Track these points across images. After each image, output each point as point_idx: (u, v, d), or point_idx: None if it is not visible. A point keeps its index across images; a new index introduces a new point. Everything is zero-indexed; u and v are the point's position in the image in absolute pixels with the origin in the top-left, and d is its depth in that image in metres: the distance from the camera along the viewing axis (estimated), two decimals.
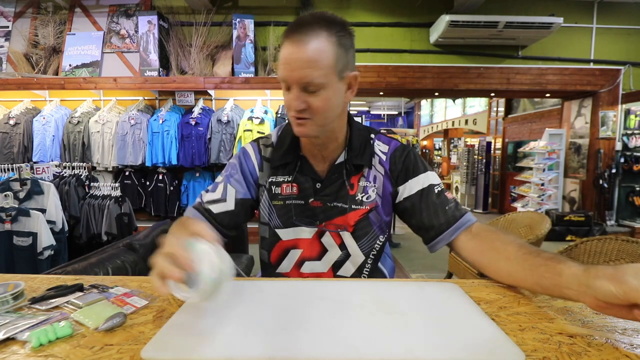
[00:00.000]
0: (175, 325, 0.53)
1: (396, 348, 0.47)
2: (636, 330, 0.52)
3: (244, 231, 2.67)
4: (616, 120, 4.49)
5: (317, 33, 0.67)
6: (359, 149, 0.83)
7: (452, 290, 0.67)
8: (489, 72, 4.32)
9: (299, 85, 0.69)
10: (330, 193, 0.83)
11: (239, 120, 3.84)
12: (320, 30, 0.67)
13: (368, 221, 0.83)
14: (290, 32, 0.68)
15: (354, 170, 0.83)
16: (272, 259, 0.88)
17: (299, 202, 0.84)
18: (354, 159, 0.82)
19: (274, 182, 0.85)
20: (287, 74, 0.69)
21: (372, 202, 0.83)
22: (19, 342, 0.49)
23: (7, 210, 2.11)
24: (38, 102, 4.23)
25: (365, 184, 0.83)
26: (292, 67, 0.68)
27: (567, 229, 4.43)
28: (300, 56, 0.66)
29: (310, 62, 0.66)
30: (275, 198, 0.85)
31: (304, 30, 0.67)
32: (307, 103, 0.70)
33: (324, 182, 0.83)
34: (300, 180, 0.84)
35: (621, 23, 4.44)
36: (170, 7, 4.25)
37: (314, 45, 0.66)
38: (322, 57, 0.67)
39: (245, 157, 0.88)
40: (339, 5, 4.28)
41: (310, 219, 0.83)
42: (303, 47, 0.66)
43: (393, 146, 0.86)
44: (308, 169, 0.84)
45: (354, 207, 0.82)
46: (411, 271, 3.23)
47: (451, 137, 11.46)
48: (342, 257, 0.84)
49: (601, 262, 1.50)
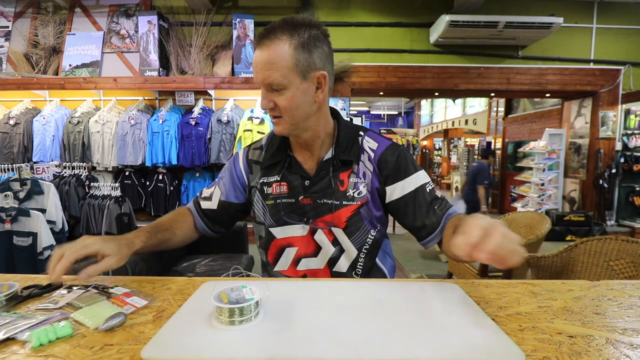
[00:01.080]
0: (175, 325, 0.53)
1: (396, 348, 0.47)
2: (636, 331, 0.52)
3: (244, 231, 2.67)
4: (616, 120, 4.49)
5: (278, 37, 0.73)
6: (346, 145, 0.86)
7: (452, 290, 0.67)
8: (489, 72, 4.32)
9: (264, 86, 0.76)
10: (319, 190, 0.85)
11: (239, 120, 3.84)
12: (282, 35, 0.73)
13: (359, 216, 0.85)
14: (258, 37, 0.75)
15: (342, 167, 0.85)
16: (269, 258, 0.90)
17: (289, 200, 0.86)
18: (340, 154, 0.85)
19: (265, 182, 0.89)
20: (254, 75, 0.77)
21: (363, 198, 0.85)
22: (19, 342, 0.49)
23: (7, 210, 2.11)
24: (38, 102, 4.23)
25: (355, 180, 0.85)
26: (256, 69, 0.76)
27: (567, 229, 4.43)
28: (262, 59, 0.74)
29: (269, 64, 0.73)
30: (267, 198, 0.88)
31: (268, 35, 0.74)
32: (273, 102, 0.77)
33: (312, 179, 0.86)
34: (290, 179, 0.87)
35: (621, 23, 4.44)
36: (170, 7, 4.25)
37: (273, 48, 0.73)
38: (281, 59, 0.73)
39: (235, 162, 0.96)
40: (339, 5, 4.28)
41: (301, 217, 0.86)
42: (265, 51, 0.73)
43: (384, 145, 0.88)
44: (297, 168, 0.87)
45: (345, 203, 0.84)
46: (411, 271, 3.23)
47: (451, 137, 11.47)
48: (336, 252, 0.86)
49: (601, 262, 1.50)
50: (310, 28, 0.76)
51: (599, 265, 1.50)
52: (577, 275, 1.55)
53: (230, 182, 0.94)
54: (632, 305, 0.62)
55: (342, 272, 0.86)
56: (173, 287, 0.70)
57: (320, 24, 0.79)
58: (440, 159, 13.07)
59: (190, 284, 0.71)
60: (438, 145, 13.79)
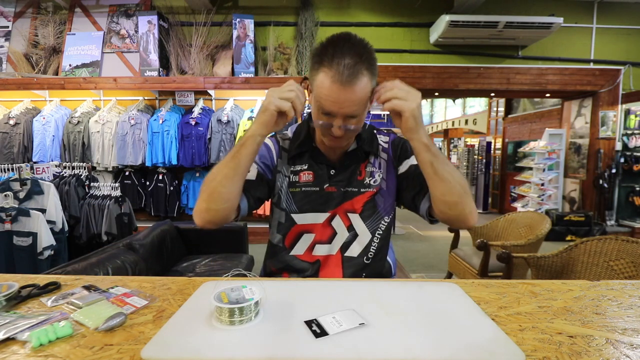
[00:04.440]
0: (175, 325, 0.53)
1: (396, 348, 0.47)
2: (636, 331, 0.52)
3: (244, 231, 2.67)
4: (616, 120, 4.49)
5: (362, 74, 0.75)
6: (368, 139, 0.95)
7: (452, 290, 0.67)
8: (489, 72, 4.32)
9: (343, 117, 0.78)
10: (344, 179, 0.92)
11: (239, 120, 3.84)
12: (365, 70, 0.75)
13: (374, 202, 0.92)
14: (336, 72, 0.74)
15: (364, 157, 0.94)
16: (286, 243, 0.93)
17: (314, 188, 0.92)
18: (364, 146, 0.93)
19: (293, 170, 0.94)
20: (335, 109, 0.77)
21: (377, 185, 0.93)
22: (19, 342, 0.49)
23: (7, 210, 2.11)
24: (38, 102, 4.22)
25: (372, 169, 0.94)
26: (341, 105, 0.76)
27: (567, 229, 4.43)
28: (349, 97, 0.75)
29: (358, 101, 0.76)
30: (293, 185, 0.93)
31: (354, 74, 0.74)
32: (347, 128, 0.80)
33: (338, 169, 0.92)
34: (316, 168, 0.93)
35: (621, 23, 4.44)
36: (170, 7, 4.25)
37: (359, 85, 0.75)
38: (364, 93, 0.77)
39: (265, 146, 0.96)
40: (339, 5, 4.28)
41: (324, 204, 0.91)
42: (351, 89, 0.74)
43: (392, 137, 1.00)
44: (322, 158, 0.93)
45: (363, 190, 0.92)
46: (411, 271, 3.22)
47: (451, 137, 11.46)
48: (349, 238, 0.91)
49: (601, 262, 1.50)
50: (374, 54, 0.78)
51: (599, 265, 1.51)
52: (577, 275, 1.55)
53: (260, 160, 0.93)
54: (632, 305, 0.62)
55: (353, 257, 0.90)
56: (173, 287, 0.70)
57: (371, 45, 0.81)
58: None
59: (190, 284, 0.71)
60: (438, 145, 13.79)
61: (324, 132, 0.84)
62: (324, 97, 0.77)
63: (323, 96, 0.77)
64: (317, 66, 0.77)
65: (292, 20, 4.18)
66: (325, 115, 0.79)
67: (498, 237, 2.50)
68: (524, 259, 1.67)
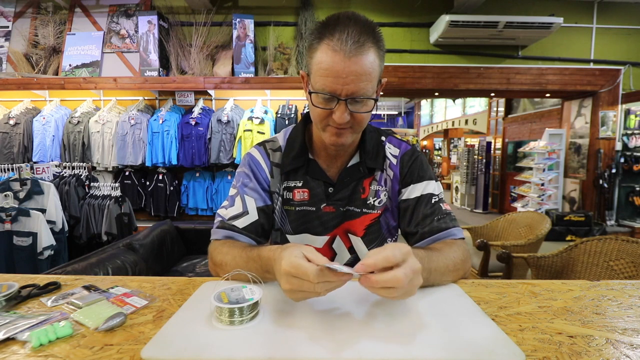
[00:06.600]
0: (175, 325, 0.53)
1: (396, 348, 0.47)
2: (636, 331, 0.52)
3: None
4: (616, 120, 4.49)
5: (369, 45, 0.64)
6: (372, 151, 0.82)
7: (452, 290, 0.67)
8: (489, 72, 4.32)
9: (347, 98, 0.67)
10: (343, 197, 0.81)
11: (239, 120, 3.84)
12: (372, 43, 0.65)
13: (378, 225, 0.82)
14: (338, 41, 0.63)
15: (367, 173, 0.82)
16: None
17: (310, 208, 0.82)
18: (368, 162, 0.81)
19: (285, 187, 0.83)
20: (337, 87, 0.65)
21: (383, 206, 0.82)
22: (19, 342, 0.49)
23: (7, 210, 2.11)
24: (38, 102, 4.22)
25: (377, 188, 0.82)
26: (345, 80, 0.64)
27: (567, 229, 4.43)
28: (354, 69, 0.64)
29: (364, 76, 0.65)
30: (287, 203, 0.83)
31: (359, 42, 0.63)
32: (351, 115, 0.69)
33: (337, 186, 0.81)
34: (312, 185, 0.82)
35: (621, 23, 4.44)
36: (170, 7, 4.25)
37: (366, 57, 0.64)
38: (373, 69, 0.66)
39: (255, 164, 0.85)
40: (338, 5, 4.28)
41: (322, 227, 0.82)
42: (356, 61, 0.63)
43: (403, 149, 0.85)
44: (319, 173, 0.82)
45: (366, 211, 0.81)
46: None
47: (451, 137, 11.48)
48: (350, 260, 0.83)
49: (601, 262, 1.50)
50: (381, 34, 0.68)
51: (599, 265, 1.51)
52: (577, 275, 1.55)
53: (258, 186, 0.83)
54: (632, 305, 0.62)
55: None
56: (173, 287, 0.70)
57: None
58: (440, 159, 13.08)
59: (190, 284, 0.71)
60: (438, 145, 13.80)
61: (324, 122, 0.71)
62: (325, 74, 0.65)
63: (323, 73, 0.65)
64: (317, 42, 0.66)
65: (292, 20, 4.18)
66: (326, 100, 0.68)
67: (498, 237, 2.50)
68: (524, 259, 1.67)
